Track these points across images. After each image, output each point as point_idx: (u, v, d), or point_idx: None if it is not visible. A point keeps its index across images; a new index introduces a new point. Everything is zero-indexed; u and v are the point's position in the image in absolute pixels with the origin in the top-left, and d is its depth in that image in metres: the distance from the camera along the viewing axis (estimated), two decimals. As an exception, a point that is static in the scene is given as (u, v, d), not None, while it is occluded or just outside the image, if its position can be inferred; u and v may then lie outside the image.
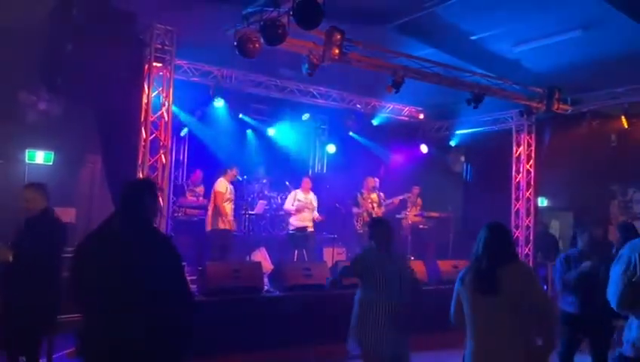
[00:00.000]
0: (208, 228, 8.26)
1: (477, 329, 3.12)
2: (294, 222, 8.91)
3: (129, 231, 2.72)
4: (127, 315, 2.57)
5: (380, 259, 4.26)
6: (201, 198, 9.37)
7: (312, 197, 9.04)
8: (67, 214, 8.04)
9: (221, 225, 8.13)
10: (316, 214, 9.02)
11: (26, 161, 7.97)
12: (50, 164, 8.13)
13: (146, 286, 2.59)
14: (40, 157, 8.06)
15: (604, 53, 7.47)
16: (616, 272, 3.10)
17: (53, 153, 8.14)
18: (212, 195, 8.29)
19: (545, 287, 10.50)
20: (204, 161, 9.92)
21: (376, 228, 4.42)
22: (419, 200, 10.50)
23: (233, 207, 8.47)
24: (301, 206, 8.87)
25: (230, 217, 8.25)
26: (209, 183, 8.85)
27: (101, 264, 2.64)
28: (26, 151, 7.96)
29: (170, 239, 2.86)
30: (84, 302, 2.73)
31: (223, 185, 8.25)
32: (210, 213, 8.29)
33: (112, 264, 2.61)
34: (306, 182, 9.07)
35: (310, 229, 8.99)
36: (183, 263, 2.90)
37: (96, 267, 2.65)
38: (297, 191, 9.07)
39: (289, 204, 8.96)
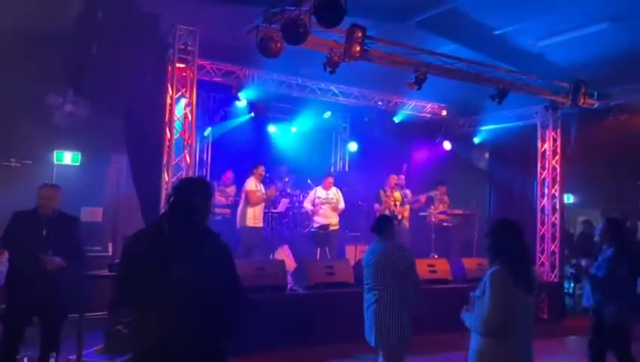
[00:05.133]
0: (238, 226, 8.39)
1: (515, 330, 3.04)
2: (318, 219, 8.95)
3: (176, 230, 2.67)
4: (176, 315, 2.55)
5: (377, 253, 4.47)
6: (231, 198, 9.46)
7: (333, 194, 9.06)
8: (94, 213, 8.19)
9: (250, 223, 8.22)
10: (342, 206, 9.08)
11: (54, 161, 8.14)
12: (78, 164, 8.29)
13: (194, 285, 2.57)
14: (68, 157, 8.22)
15: (632, 45, 7.29)
16: None
17: (80, 154, 8.29)
18: (243, 194, 8.42)
19: (571, 284, 10.37)
20: (228, 161, 10.00)
21: (381, 224, 4.66)
22: (445, 198, 10.42)
23: (263, 204, 8.60)
24: (320, 203, 8.89)
25: (257, 214, 8.38)
26: (239, 183, 8.99)
27: (149, 264, 2.61)
28: (54, 152, 8.12)
29: (219, 236, 2.75)
30: (134, 302, 2.71)
31: (253, 183, 8.35)
32: (239, 211, 8.42)
33: (159, 264, 2.59)
34: (329, 181, 9.08)
35: (333, 227, 9.00)
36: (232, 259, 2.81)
37: (144, 267, 2.62)
38: (318, 188, 9.09)
39: (308, 203, 9.01)
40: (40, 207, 4.74)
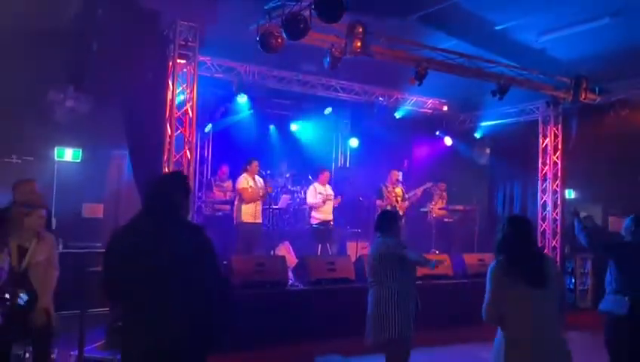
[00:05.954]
0: (234, 221, 8.38)
1: (522, 322, 3.09)
2: (317, 215, 8.93)
3: (154, 223, 2.71)
4: (160, 307, 2.58)
5: (379, 248, 4.42)
6: (228, 193, 9.46)
7: (330, 190, 9.09)
8: (95, 209, 8.20)
9: (248, 219, 8.21)
10: (335, 200, 9.08)
11: (55, 158, 8.14)
12: (79, 161, 8.29)
13: (175, 275, 2.59)
14: (69, 154, 8.23)
15: (633, 40, 7.28)
16: None
17: (81, 150, 8.30)
18: (236, 192, 8.41)
19: (572, 280, 10.36)
20: (229, 157, 10.00)
21: (384, 220, 4.59)
22: (444, 195, 10.41)
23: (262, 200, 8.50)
24: (322, 199, 8.89)
25: (256, 210, 8.33)
26: (235, 178, 8.94)
27: (131, 257, 2.65)
28: (55, 148, 8.12)
29: (200, 228, 2.80)
30: (118, 295, 2.74)
31: (245, 180, 8.31)
32: (235, 207, 8.42)
33: (140, 257, 2.62)
34: (325, 175, 9.07)
35: (332, 222, 9.02)
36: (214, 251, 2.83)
37: (126, 261, 2.66)
38: (316, 184, 9.06)
39: (312, 198, 8.97)
40: (20, 203, 4.62)
